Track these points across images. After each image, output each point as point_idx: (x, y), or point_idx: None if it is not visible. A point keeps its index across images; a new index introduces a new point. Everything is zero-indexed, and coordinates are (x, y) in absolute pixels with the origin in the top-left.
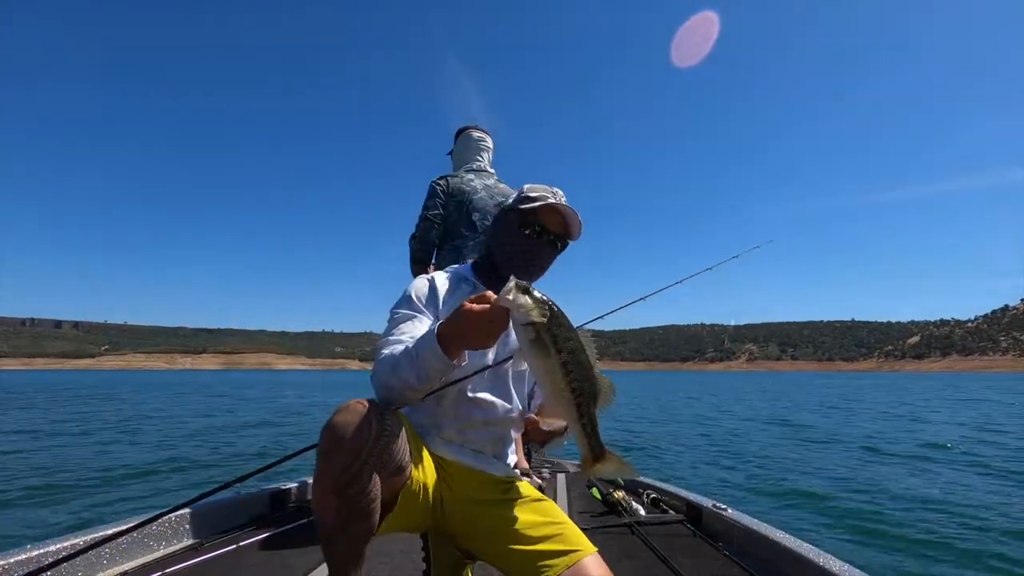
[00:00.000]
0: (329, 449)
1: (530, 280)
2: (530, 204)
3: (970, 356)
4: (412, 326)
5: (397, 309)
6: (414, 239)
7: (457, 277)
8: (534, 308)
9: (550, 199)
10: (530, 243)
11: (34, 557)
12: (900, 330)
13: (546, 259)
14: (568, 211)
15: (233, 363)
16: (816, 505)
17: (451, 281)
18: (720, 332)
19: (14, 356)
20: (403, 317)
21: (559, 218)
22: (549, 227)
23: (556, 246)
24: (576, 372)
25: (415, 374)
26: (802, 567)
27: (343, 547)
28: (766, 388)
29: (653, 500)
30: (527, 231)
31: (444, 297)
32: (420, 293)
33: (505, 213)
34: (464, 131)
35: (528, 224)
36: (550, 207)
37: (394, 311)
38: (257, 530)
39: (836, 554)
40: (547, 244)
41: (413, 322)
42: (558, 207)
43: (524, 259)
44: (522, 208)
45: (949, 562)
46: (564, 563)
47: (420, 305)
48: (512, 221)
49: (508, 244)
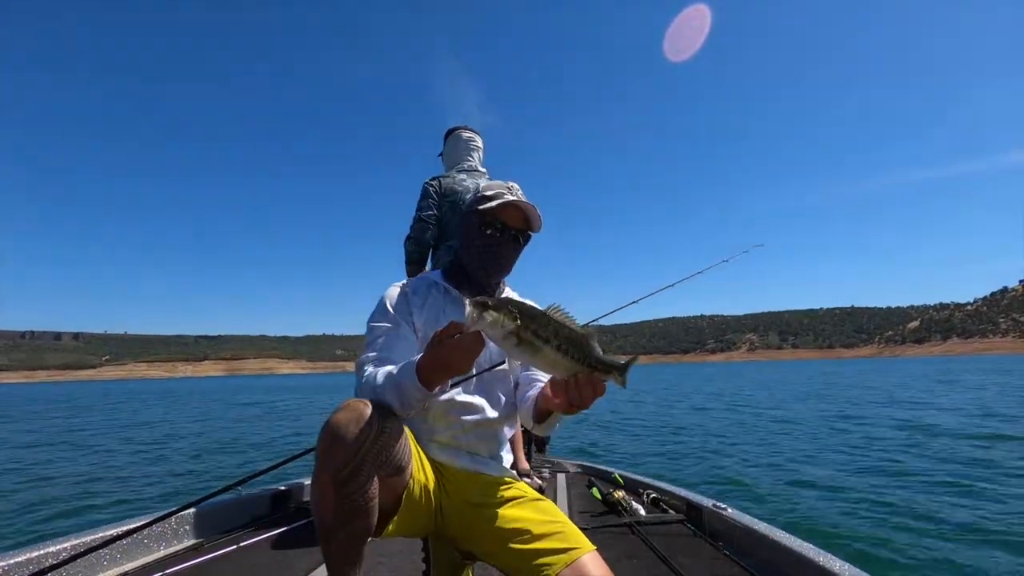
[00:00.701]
0: (328, 446)
1: (499, 276)
2: (488, 204)
3: (970, 339)
4: (390, 341)
5: (374, 323)
6: (409, 240)
7: (427, 283)
8: (502, 319)
9: (507, 196)
10: (493, 242)
11: (35, 558)
12: (900, 315)
13: (511, 255)
14: (526, 206)
15: (234, 369)
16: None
17: (422, 288)
18: (720, 323)
19: (15, 369)
20: (380, 331)
21: (519, 213)
22: (510, 223)
23: (519, 240)
24: (571, 348)
25: (398, 402)
26: (802, 567)
27: (341, 545)
28: (749, 379)
29: (653, 500)
30: (489, 231)
31: (417, 304)
32: (394, 303)
33: (466, 216)
34: (454, 131)
35: (489, 224)
36: (508, 204)
37: (371, 324)
38: (258, 531)
39: (836, 553)
40: (510, 241)
41: (389, 337)
42: (516, 203)
43: (490, 258)
44: (481, 209)
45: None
46: (563, 561)
47: (396, 316)
48: (474, 223)
49: (473, 246)
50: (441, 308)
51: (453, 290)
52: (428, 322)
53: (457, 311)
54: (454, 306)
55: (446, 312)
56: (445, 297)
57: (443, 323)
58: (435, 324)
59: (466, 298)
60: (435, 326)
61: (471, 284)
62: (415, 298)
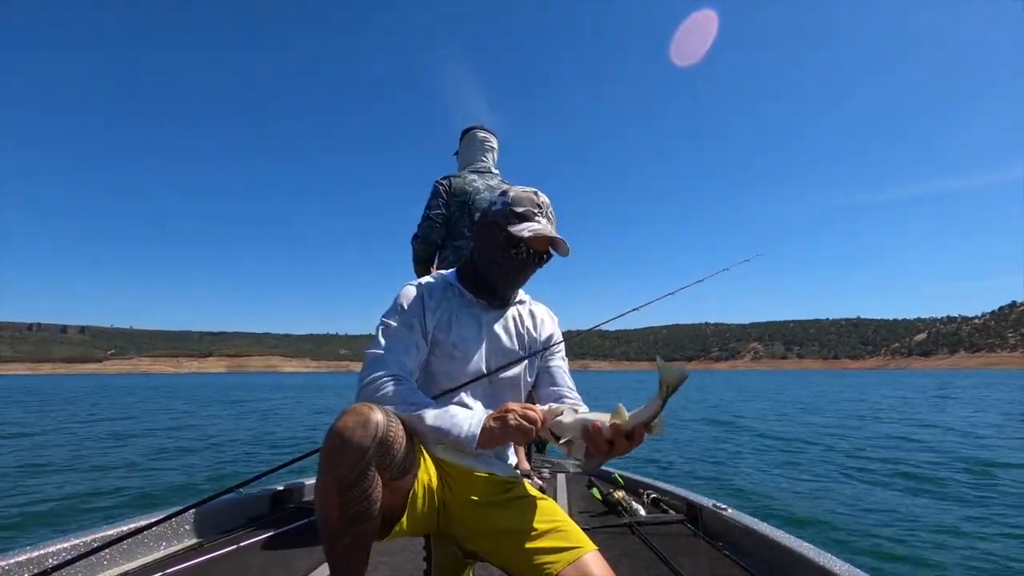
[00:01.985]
0: (334, 450)
1: (517, 289)
2: (519, 229)
3: (977, 353)
4: (405, 344)
5: (387, 319)
6: (416, 239)
7: (443, 284)
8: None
9: (538, 221)
10: (519, 264)
11: (35, 558)
12: (906, 327)
13: (531, 273)
14: (555, 238)
15: (238, 366)
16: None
17: (437, 290)
18: (725, 331)
19: (20, 361)
20: (393, 331)
21: (546, 242)
22: (536, 247)
23: (543, 259)
24: None
25: (432, 434)
26: (802, 567)
27: (346, 548)
28: (745, 387)
29: (653, 500)
30: (515, 251)
31: (431, 307)
32: (409, 302)
33: (489, 227)
34: (469, 131)
35: (515, 246)
36: (538, 236)
37: (385, 320)
38: (258, 530)
39: (836, 553)
40: (534, 263)
41: (403, 340)
42: (546, 237)
43: (513, 277)
44: (512, 231)
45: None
46: (565, 560)
47: (409, 315)
48: (499, 239)
49: (495, 262)
50: (455, 311)
51: (467, 293)
52: (440, 325)
53: (470, 314)
54: (468, 309)
55: (459, 315)
56: (460, 300)
57: (456, 326)
58: (448, 327)
59: (483, 305)
60: (447, 329)
61: (485, 290)
62: (430, 301)
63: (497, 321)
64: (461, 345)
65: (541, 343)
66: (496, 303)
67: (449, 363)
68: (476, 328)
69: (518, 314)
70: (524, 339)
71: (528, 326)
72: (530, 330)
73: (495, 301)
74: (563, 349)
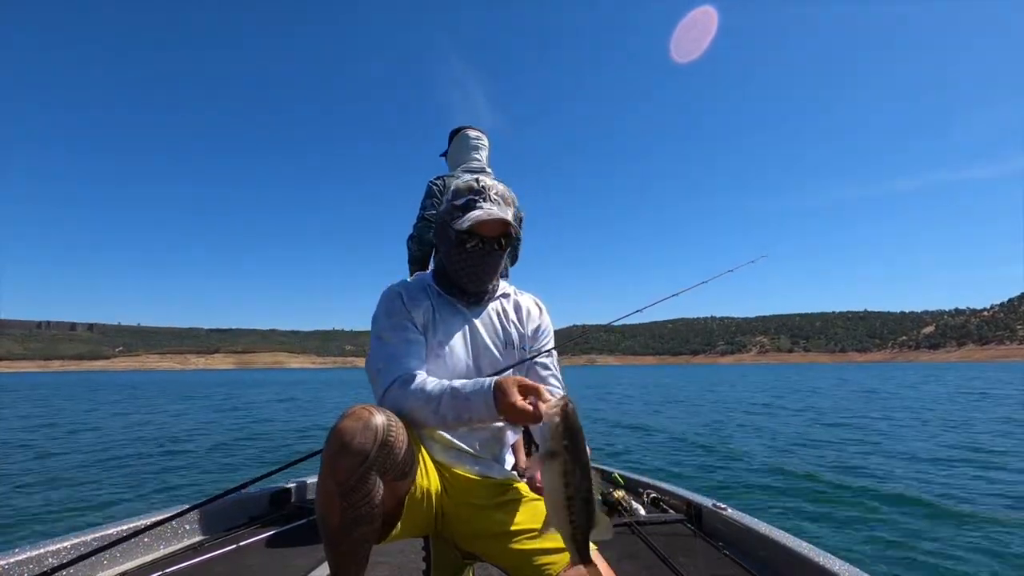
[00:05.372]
0: (335, 453)
1: (488, 284)
2: (461, 222)
3: (987, 345)
4: (406, 348)
5: (380, 332)
6: (412, 239)
7: (421, 286)
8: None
9: (478, 206)
10: (475, 256)
11: (35, 557)
12: (914, 320)
13: (496, 263)
14: (500, 218)
15: (245, 363)
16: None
17: (415, 291)
18: (731, 325)
19: (30, 359)
20: (388, 338)
21: (496, 223)
22: (489, 235)
23: (502, 246)
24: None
25: (453, 415)
26: (802, 566)
27: (346, 550)
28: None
29: (653, 500)
30: (468, 245)
31: (412, 305)
32: (393, 305)
33: (442, 227)
34: (459, 131)
35: (467, 240)
36: (482, 223)
37: (381, 332)
38: (257, 530)
39: (836, 552)
40: (492, 251)
41: (397, 344)
42: (490, 221)
43: (475, 271)
44: (456, 228)
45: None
46: (565, 560)
47: (399, 318)
48: (452, 238)
49: (455, 260)
50: (436, 310)
51: (444, 293)
52: (424, 325)
53: (451, 313)
54: (448, 308)
55: (441, 315)
56: (439, 299)
57: (439, 325)
58: (431, 327)
59: (460, 304)
60: (431, 329)
61: (458, 290)
62: (410, 301)
63: (479, 317)
64: (445, 344)
65: (529, 335)
66: (472, 300)
67: (434, 362)
68: (458, 326)
69: (501, 308)
70: (510, 333)
71: (513, 319)
72: (515, 323)
73: (471, 298)
74: (551, 342)
